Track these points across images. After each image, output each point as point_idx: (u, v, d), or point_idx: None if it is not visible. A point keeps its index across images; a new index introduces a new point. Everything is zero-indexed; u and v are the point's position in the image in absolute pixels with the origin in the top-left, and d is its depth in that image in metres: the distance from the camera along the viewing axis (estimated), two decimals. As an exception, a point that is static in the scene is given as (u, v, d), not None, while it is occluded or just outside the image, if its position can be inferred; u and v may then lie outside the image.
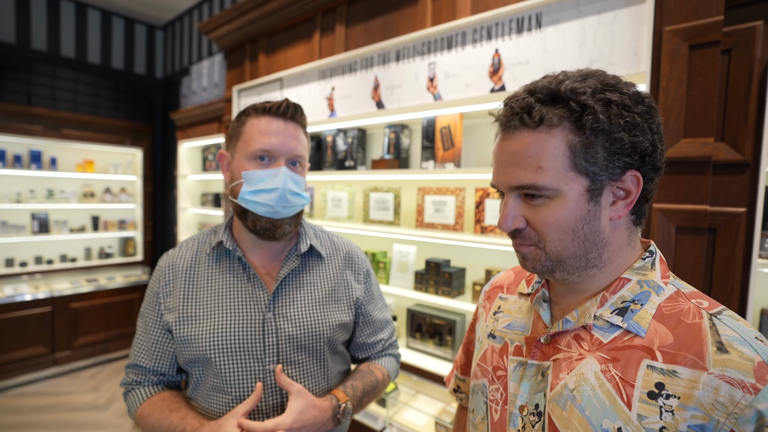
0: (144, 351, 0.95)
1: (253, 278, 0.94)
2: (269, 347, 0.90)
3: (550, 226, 0.56)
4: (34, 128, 3.82)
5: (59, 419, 3.11)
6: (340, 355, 1.04)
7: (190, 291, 0.93)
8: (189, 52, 4.50)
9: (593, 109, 0.52)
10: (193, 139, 3.59)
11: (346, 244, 1.11)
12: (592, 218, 0.55)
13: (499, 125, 0.59)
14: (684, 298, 0.55)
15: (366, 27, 2.18)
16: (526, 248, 0.60)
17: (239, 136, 0.93)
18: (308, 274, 1.00)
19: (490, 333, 0.74)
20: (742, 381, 0.46)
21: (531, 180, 0.55)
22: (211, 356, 0.88)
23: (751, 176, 1.23)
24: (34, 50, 3.98)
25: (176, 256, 0.98)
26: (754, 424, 0.45)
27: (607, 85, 0.54)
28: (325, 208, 2.40)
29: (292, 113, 0.93)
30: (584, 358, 0.57)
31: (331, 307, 0.99)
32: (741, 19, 1.25)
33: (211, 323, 0.89)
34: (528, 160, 0.55)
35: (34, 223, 3.94)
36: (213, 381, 0.90)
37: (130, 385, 0.96)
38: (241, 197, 0.90)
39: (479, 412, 0.71)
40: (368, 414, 1.91)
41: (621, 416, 0.51)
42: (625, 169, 0.54)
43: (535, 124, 0.54)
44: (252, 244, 0.97)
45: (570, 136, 0.53)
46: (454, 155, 1.81)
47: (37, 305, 3.71)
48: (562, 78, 0.55)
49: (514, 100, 0.57)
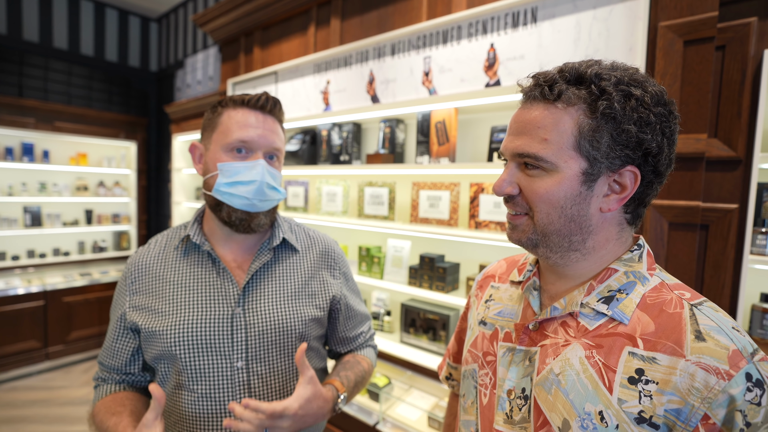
0: (105, 349, 0.94)
1: (223, 272, 0.91)
2: (238, 343, 0.88)
3: (540, 197, 0.57)
4: (26, 120, 3.77)
5: (52, 413, 3.09)
6: (315, 351, 1.01)
7: (157, 286, 0.91)
8: (183, 45, 4.46)
9: (611, 95, 0.53)
10: (187, 132, 3.56)
11: (323, 239, 1.09)
12: (582, 201, 0.57)
13: (522, 96, 0.61)
14: (668, 289, 0.57)
15: (361, 20, 2.16)
16: (518, 219, 0.62)
17: (215, 128, 0.90)
18: (281, 267, 0.97)
19: (481, 320, 0.75)
20: (717, 368, 0.48)
21: (533, 149, 0.56)
22: (176, 352, 0.85)
23: (743, 173, 1.24)
24: (26, 41, 3.92)
25: (144, 253, 0.96)
26: (725, 408, 0.47)
27: (635, 80, 0.55)
28: (319, 203, 2.39)
29: (271, 107, 0.92)
30: (570, 344, 0.59)
31: (304, 301, 0.97)
32: (735, 16, 1.25)
33: (177, 318, 0.87)
34: (537, 130, 0.56)
35: (27, 217, 3.90)
36: (178, 378, 0.87)
37: (97, 380, 0.96)
38: (217, 189, 0.87)
39: (469, 396, 0.73)
40: (362, 409, 1.92)
41: (602, 400, 0.53)
42: (626, 162, 0.55)
43: (553, 98, 0.56)
44: (224, 238, 0.94)
45: (582, 117, 0.54)
46: (449, 150, 1.80)
47: (30, 299, 3.68)
48: (593, 63, 0.57)
49: (542, 74, 0.59)
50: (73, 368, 3.88)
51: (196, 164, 0.96)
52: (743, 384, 0.46)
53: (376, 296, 2.26)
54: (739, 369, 0.47)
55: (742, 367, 0.47)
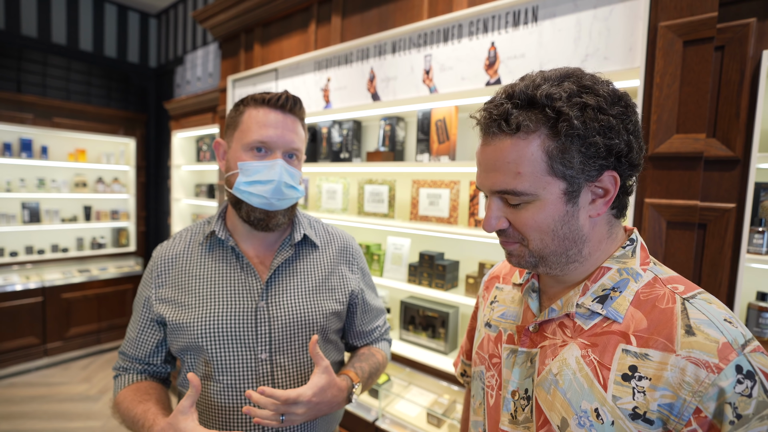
0: (129, 339, 0.98)
1: (246, 267, 0.94)
2: (262, 335, 0.91)
3: (530, 227, 0.58)
4: (24, 116, 3.76)
5: (51, 410, 3.10)
6: (333, 344, 1.05)
7: (183, 280, 0.94)
8: (183, 41, 4.44)
9: (568, 115, 0.53)
10: (187, 129, 3.55)
11: (341, 234, 1.12)
12: (571, 218, 0.57)
13: (480, 129, 0.61)
14: (661, 283, 0.58)
15: (362, 18, 2.16)
16: (511, 246, 0.63)
17: (237, 126, 0.92)
18: (302, 263, 1.00)
19: (486, 322, 0.77)
20: (707, 361, 0.48)
21: (510, 185, 0.57)
22: (203, 344, 0.88)
23: (741, 172, 1.25)
24: (24, 36, 3.91)
25: (169, 247, 0.99)
26: (716, 401, 0.47)
27: (584, 87, 0.55)
28: (319, 200, 2.39)
29: (291, 106, 0.93)
30: (567, 344, 0.60)
31: (325, 295, 0.99)
32: (734, 16, 1.25)
33: (203, 311, 0.90)
34: (507, 166, 0.56)
35: (25, 213, 3.89)
36: (204, 369, 0.91)
37: (118, 370, 0.99)
38: (236, 187, 0.90)
39: (478, 397, 0.75)
40: (361, 405, 1.93)
41: (598, 398, 0.54)
42: (602, 170, 0.56)
43: (512, 131, 0.55)
44: (246, 234, 0.97)
45: (547, 141, 0.54)
46: (449, 148, 1.81)
47: (28, 295, 3.68)
48: (539, 82, 0.56)
49: (492, 105, 0.58)
50: (72, 365, 3.88)
51: (220, 161, 0.98)
52: (733, 376, 0.47)
53: (375, 293, 2.27)
54: (729, 361, 0.48)
55: (731, 359, 0.48)
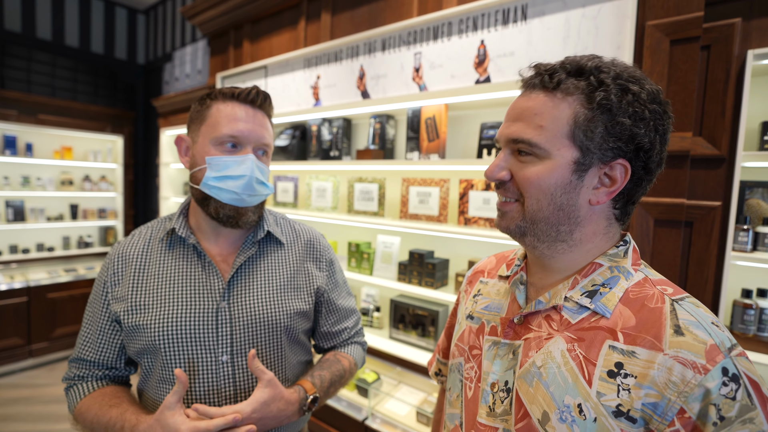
0: (89, 343, 0.90)
1: (208, 266, 0.90)
2: (223, 337, 0.87)
3: (531, 182, 0.58)
4: (8, 113, 3.68)
5: (35, 412, 3.04)
6: (301, 345, 1.00)
7: (141, 279, 0.89)
8: (172, 38, 4.38)
9: (608, 87, 0.54)
10: (175, 126, 3.51)
11: (308, 231, 1.08)
12: (572, 190, 0.57)
13: (521, 85, 0.62)
14: (650, 284, 0.58)
15: (352, 15, 2.15)
16: (507, 206, 0.62)
17: (203, 120, 0.89)
18: (266, 261, 0.96)
19: (468, 314, 0.76)
20: (694, 362, 0.48)
21: (528, 135, 0.57)
22: (161, 345, 0.84)
23: (726, 171, 1.26)
24: (8, 31, 3.82)
25: (127, 244, 0.94)
26: (701, 401, 0.47)
27: (633, 77, 0.56)
28: (309, 198, 2.37)
29: (261, 101, 0.91)
30: (553, 337, 0.59)
31: (290, 294, 0.96)
32: (720, 16, 1.27)
33: (161, 312, 0.86)
34: (533, 117, 0.57)
35: (9, 211, 3.81)
36: (162, 372, 0.86)
37: (72, 380, 0.91)
38: (205, 183, 0.86)
39: (455, 390, 0.73)
40: (351, 405, 1.92)
41: (582, 393, 0.54)
42: (617, 155, 0.56)
43: (552, 86, 0.57)
44: (210, 231, 0.93)
45: (579, 108, 0.55)
46: (439, 146, 1.80)
47: (13, 295, 3.61)
48: (594, 57, 0.58)
49: (544, 65, 0.60)
50: (57, 366, 3.82)
51: (183, 157, 0.94)
52: (719, 378, 0.47)
53: (365, 292, 2.26)
54: (716, 363, 0.47)
55: (719, 361, 0.48)
